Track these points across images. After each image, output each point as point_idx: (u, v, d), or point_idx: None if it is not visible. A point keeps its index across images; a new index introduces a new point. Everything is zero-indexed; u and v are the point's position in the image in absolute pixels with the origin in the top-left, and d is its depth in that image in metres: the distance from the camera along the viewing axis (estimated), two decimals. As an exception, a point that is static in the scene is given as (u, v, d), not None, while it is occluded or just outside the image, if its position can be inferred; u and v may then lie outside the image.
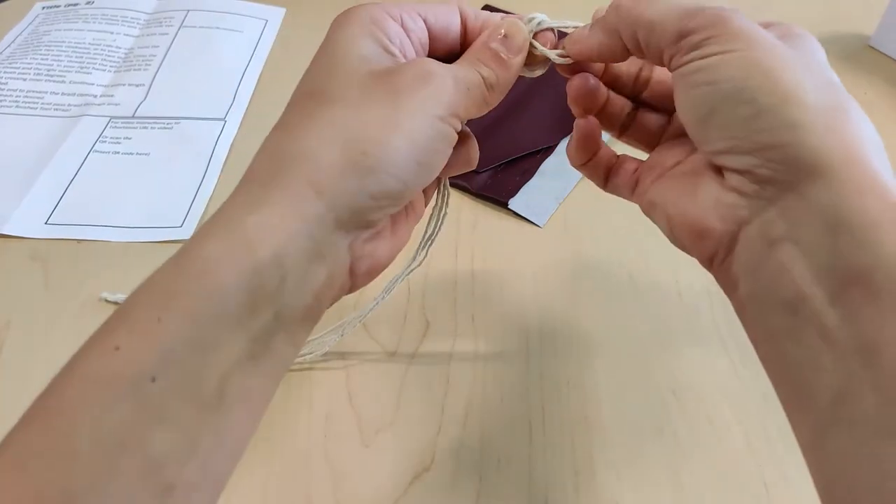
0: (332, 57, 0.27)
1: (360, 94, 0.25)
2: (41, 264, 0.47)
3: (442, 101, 0.26)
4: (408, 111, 0.25)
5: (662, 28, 0.25)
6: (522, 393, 0.40)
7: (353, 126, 0.24)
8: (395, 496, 0.35)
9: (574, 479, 0.36)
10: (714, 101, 0.24)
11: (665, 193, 0.28)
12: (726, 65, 0.24)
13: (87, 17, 0.67)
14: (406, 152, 0.25)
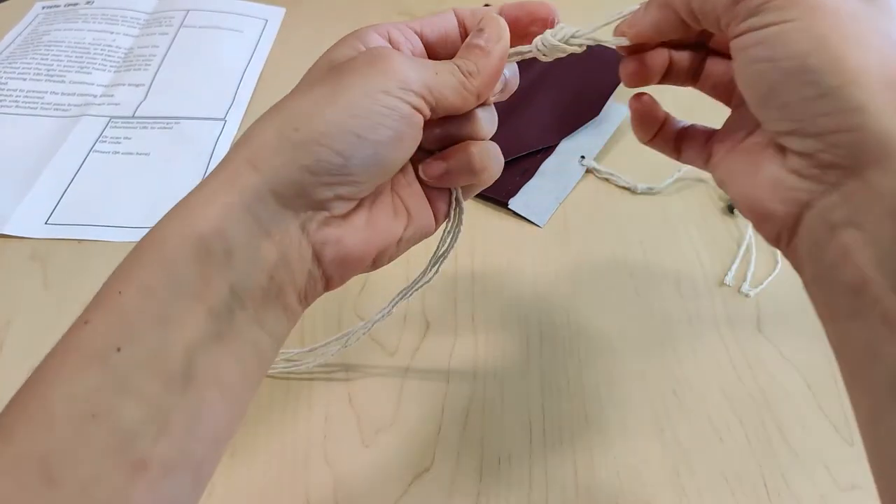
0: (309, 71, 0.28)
1: (309, 84, 0.26)
2: (41, 264, 0.47)
3: (391, 77, 0.25)
4: (345, 87, 0.25)
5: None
6: (522, 393, 0.40)
7: (292, 108, 0.25)
8: (395, 496, 0.35)
9: (574, 479, 0.36)
10: (774, 80, 0.23)
11: (731, 171, 0.27)
12: (786, 38, 0.22)
13: (86, 16, 0.67)
14: (340, 124, 0.24)
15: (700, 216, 0.50)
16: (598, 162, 0.53)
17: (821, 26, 0.22)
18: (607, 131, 0.55)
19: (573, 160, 0.53)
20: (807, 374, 0.40)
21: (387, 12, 0.68)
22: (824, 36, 0.22)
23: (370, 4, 0.69)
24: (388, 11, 0.69)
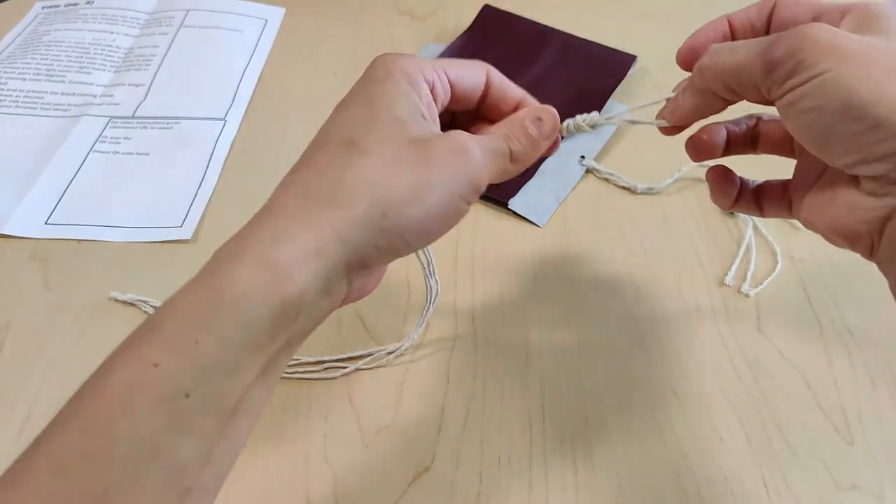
0: (371, 111, 0.28)
1: (393, 156, 0.27)
2: (41, 264, 0.47)
3: (466, 179, 0.28)
4: (432, 185, 0.27)
5: (749, 69, 0.27)
6: (522, 393, 0.40)
7: (382, 187, 0.26)
8: (395, 496, 0.35)
9: (574, 479, 0.36)
10: (826, 124, 0.25)
11: (812, 209, 0.29)
12: (825, 87, 0.25)
13: (86, 16, 0.67)
14: (419, 221, 0.27)
15: (700, 216, 0.50)
16: (598, 162, 0.53)
17: (854, 70, 0.24)
18: (607, 131, 0.55)
19: (573, 160, 0.53)
20: (807, 374, 0.40)
21: (387, 12, 0.68)
22: (860, 77, 0.24)
23: (370, 4, 0.69)
24: (389, 11, 0.69)
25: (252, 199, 0.56)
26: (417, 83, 0.29)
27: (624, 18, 0.68)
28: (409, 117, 0.28)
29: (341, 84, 0.66)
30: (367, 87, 0.29)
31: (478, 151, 0.28)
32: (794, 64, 0.25)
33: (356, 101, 0.29)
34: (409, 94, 0.29)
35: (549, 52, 0.61)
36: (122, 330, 0.45)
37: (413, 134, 0.28)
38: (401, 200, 0.26)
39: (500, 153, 0.30)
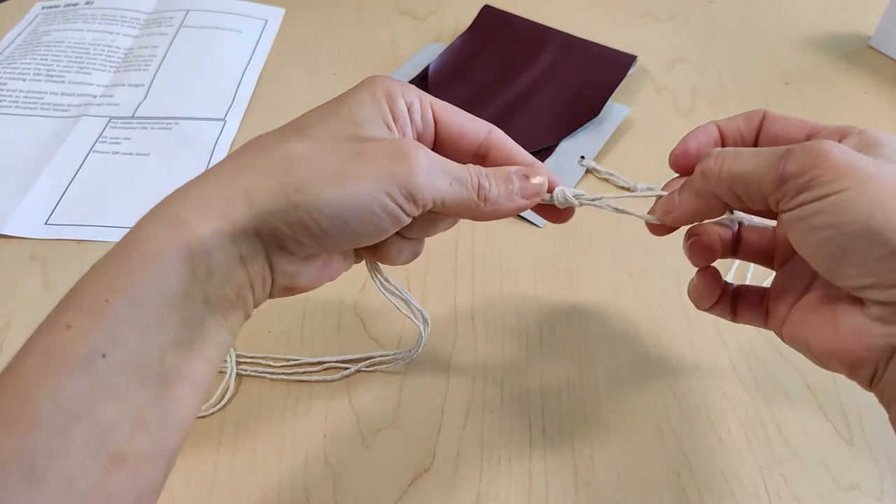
0: (334, 108, 0.29)
1: (330, 144, 0.27)
2: (41, 264, 0.47)
3: (398, 180, 0.27)
4: (356, 176, 0.26)
5: (759, 178, 0.26)
6: (522, 393, 0.40)
7: (303, 165, 0.26)
8: (395, 496, 0.35)
9: (574, 479, 0.36)
10: (842, 243, 0.25)
11: (805, 328, 0.29)
12: (843, 206, 0.24)
13: (86, 17, 0.67)
14: (335, 207, 0.26)
15: (700, 216, 0.50)
16: (598, 162, 0.53)
17: (873, 192, 0.24)
18: (607, 131, 0.55)
19: (573, 160, 0.53)
20: (807, 374, 0.40)
21: (387, 12, 0.68)
22: (879, 199, 0.24)
23: (370, 4, 0.70)
24: (389, 11, 0.69)
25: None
26: (394, 98, 0.29)
27: (624, 18, 0.68)
28: (366, 121, 0.28)
29: (341, 84, 0.66)
30: (346, 93, 0.30)
31: (424, 161, 0.27)
32: (808, 179, 0.25)
33: (329, 102, 0.30)
34: (379, 104, 0.29)
35: (549, 52, 0.61)
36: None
37: (361, 133, 0.28)
38: (319, 180, 0.26)
39: (462, 181, 0.29)
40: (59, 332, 0.23)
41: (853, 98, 0.59)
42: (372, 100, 0.29)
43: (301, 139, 0.27)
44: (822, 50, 0.64)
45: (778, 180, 0.26)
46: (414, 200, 0.27)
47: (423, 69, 0.60)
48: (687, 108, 0.59)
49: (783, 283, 0.31)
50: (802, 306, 0.29)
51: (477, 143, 0.32)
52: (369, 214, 0.27)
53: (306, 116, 0.29)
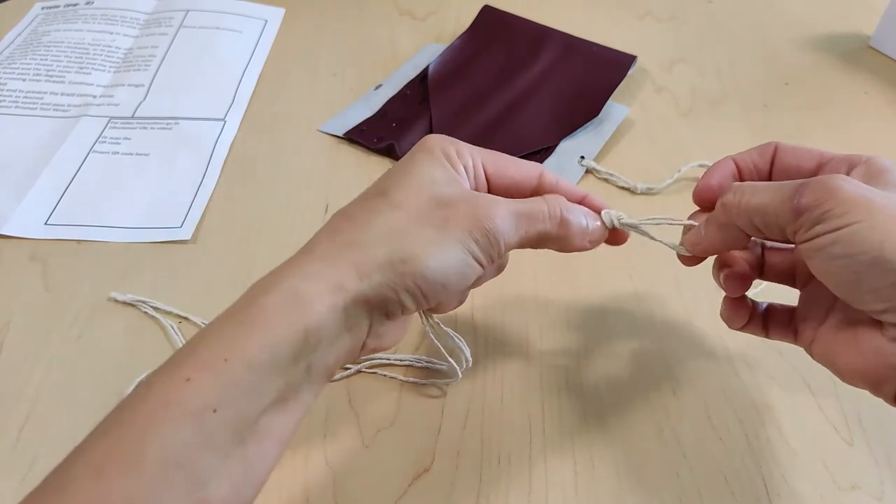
0: (407, 171, 0.31)
1: (418, 209, 0.30)
2: (41, 264, 0.47)
3: (482, 236, 0.30)
4: (449, 242, 0.29)
5: (776, 211, 0.28)
6: (522, 393, 0.40)
7: (404, 236, 0.29)
8: (395, 496, 0.35)
9: (574, 479, 0.36)
10: (857, 271, 0.26)
11: (831, 350, 0.30)
12: (855, 237, 0.26)
13: (86, 17, 0.67)
14: (435, 274, 0.29)
15: (700, 216, 0.50)
16: (598, 162, 0.53)
17: (884, 222, 0.26)
18: (607, 131, 0.55)
19: (573, 160, 0.53)
20: (807, 374, 0.40)
21: (387, 12, 0.68)
22: (888, 229, 0.25)
23: (370, 4, 0.70)
24: (389, 11, 0.69)
25: (252, 200, 0.56)
26: (451, 157, 0.32)
27: (624, 18, 0.68)
28: (440, 179, 0.31)
29: (341, 84, 0.66)
30: (409, 157, 0.32)
31: (501, 213, 0.30)
32: (821, 212, 0.26)
33: (397, 167, 0.32)
34: (443, 164, 0.32)
35: (548, 52, 0.61)
36: (122, 330, 0.45)
37: (441, 192, 0.30)
38: (421, 251, 0.29)
39: (542, 216, 0.32)
40: (177, 384, 0.25)
41: (853, 98, 0.59)
42: (438, 163, 0.32)
43: (392, 208, 0.30)
44: (822, 50, 0.64)
45: (794, 213, 0.27)
46: (498, 251, 0.31)
47: (423, 69, 0.60)
48: (687, 108, 0.59)
49: (807, 304, 0.33)
50: (827, 328, 0.31)
51: (530, 189, 0.34)
52: (462, 274, 0.30)
53: (385, 181, 0.32)
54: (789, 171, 0.32)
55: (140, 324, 0.43)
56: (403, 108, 0.57)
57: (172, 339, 0.42)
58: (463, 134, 0.54)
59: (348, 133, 0.55)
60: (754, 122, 0.57)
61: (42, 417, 0.39)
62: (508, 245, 0.31)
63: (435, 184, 0.31)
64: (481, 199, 0.31)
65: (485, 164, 0.33)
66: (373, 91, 0.59)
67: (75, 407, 0.39)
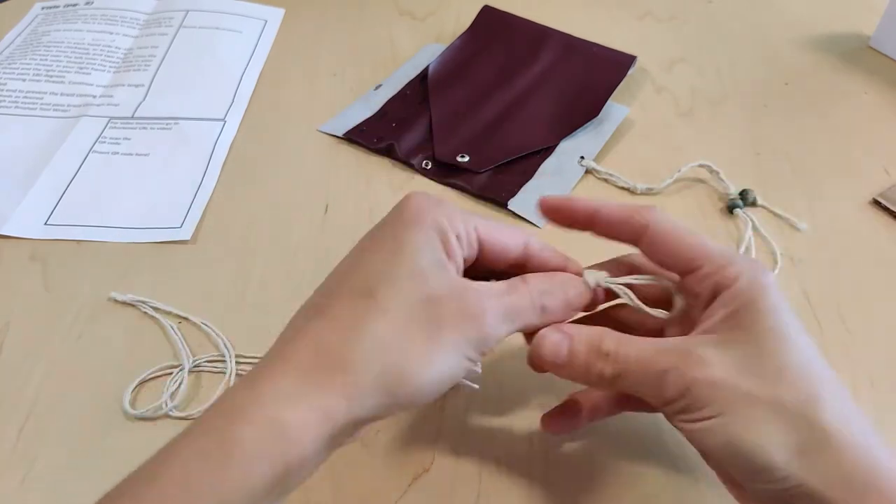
0: (395, 259, 0.28)
1: (407, 314, 0.27)
2: (41, 265, 0.47)
3: (476, 341, 0.28)
4: (443, 351, 0.27)
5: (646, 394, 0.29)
6: (522, 393, 0.40)
7: (394, 353, 0.27)
8: (395, 496, 0.35)
9: (574, 478, 0.36)
10: (719, 459, 0.28)
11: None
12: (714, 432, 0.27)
13: (86, 17, 0.67)
14: (430, 387, 0.27)
15: (700, 216, 0.50)
16: (598, 162, 0.53)
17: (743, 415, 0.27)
18: (607, 131, 0.55)
19: (573, 160, 0.53)
20: (807, 374, 0.40)
21: (387, 12, 0.68)
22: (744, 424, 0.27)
23: (370, 4, 0.70)
24: (389, 11, 0.69)
25: (252, 200, 0.56)
26: (446, 233, 0.29)
27: (624, 18, 0.68)
28: (429, 268, 0.28)
29: (341, 84, 0.66)
30: (396, 230, 0.30)
31: (490, 316, 0.29)
32: (684, 404, 0.28)
33: (383, 246, 0.29)
34: (434, 244, 0.29)
35: (548, 52, 0.61)
36: (122, 330, 0.45)
37: (430, 289, 0.28)
38: (415, 368, 0.27)
39: (527, 311, 0.30)
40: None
41: (853, 98, 0.59)
42: (428, 242, 0.29)
43: (381, 314, 0.27)
44: (822, 50, 0.64)
45: (662, 402, 0.29)
46: (488, 351, 0.29)
47: (423, 69, 0.60)
48: (687, 108, 0.59)
49: None
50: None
51: (516, 255, 0.32)
52: (453, 378, 0.28)
53: (367, 269, 0.29)
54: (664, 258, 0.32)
55: (140, 324, 0.43)
56: (403, 108, 0.57)
57: (172, 339, 0.42)
58: (463, 134, 0.54)
59: (348, 133, 0.55)
60: (754, 122, 0.57)
61: (42, 417, 0.39)
62: (499, 342, 0.30)
63: (424, 277, 0.28)
64: (470, 294, 0.29)
65: (477, 229, 0.31)
66: (373, 91, 0.59)
67: (75, 407, 0.39)
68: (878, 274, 0.46)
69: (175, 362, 0.41)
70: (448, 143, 0.54)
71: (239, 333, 0.42)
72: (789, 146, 0.55)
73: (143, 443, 0.37)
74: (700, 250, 0.30)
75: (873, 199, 0.50)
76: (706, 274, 0.29)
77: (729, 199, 0.50)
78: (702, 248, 0.30)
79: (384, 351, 0.26)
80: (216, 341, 0.42)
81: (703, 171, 0.52)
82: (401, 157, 0.53)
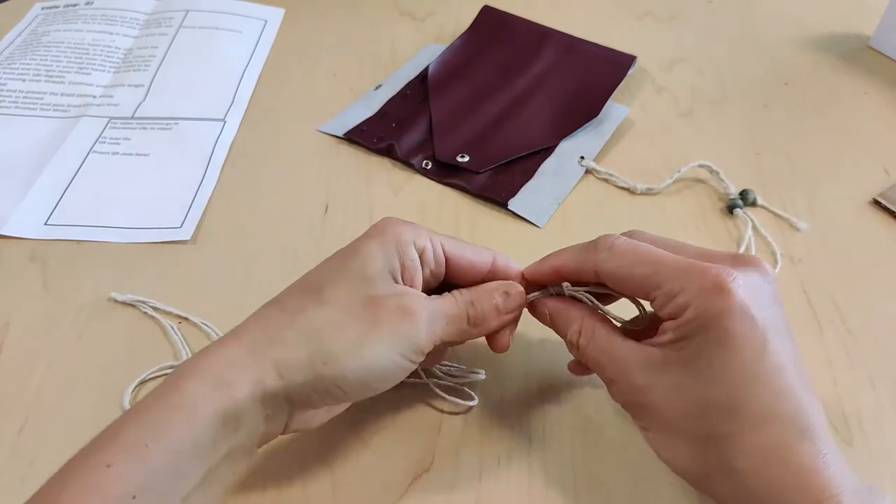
0: (346, 264, 0.32)
1: (346, 309, 0.30)
2: (41, 265, 0.47)
3: (408, 341, 0.31)
4: (374, 345, 0.30)
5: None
6: (522, 393, 0.40)
7: (327, 338, 0.30)
8: (395, 496, 0.35)
9: (574, 479, 0.36)
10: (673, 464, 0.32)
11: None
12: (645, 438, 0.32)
13: (86, 17, 0.67)
14: (358, 375, 0.30)
15: (700, 216, 0.50)
16: (598, 162, 0.53)
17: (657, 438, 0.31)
18: (607, 131, 0.55)
19: (573, 160, 0.53)
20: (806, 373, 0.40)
21: (387, 12, 0.69)
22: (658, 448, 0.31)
23: (370, 5, 0.70)
24: (389, 11, 0.69)
25: (252, 200, 0.56)
26: (404, 246, 0.32)
27: (624, 18, 0.68)
28: (376, 274, 0.31)
29: (341, 84, 0.66)
30: (359, 241, 0.33)
31: (424, 316, 0.31)
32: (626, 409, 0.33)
33: (343, 252, 0.33)
34: (388, 258, 0.32)
35: (548, 52, 0.61)
36: (122, 330, 0.45)
37: (373, 291, 0.31)
38: (342, 352, 0.30)
39: (456, 318, 0.33)
40: (98, 470, 0.25)
41: (853, 98, 0.59)
42: (382, 253, 0.32)
43: (321, 305, 0.30)
44: (822, 50, 0.64)
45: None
46: (421, 351, 0.32)
47: (423, 69, 0.60)
48: (687, 108, 0.59)
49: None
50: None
51: (484, 272, 0.35)
52: (386, 374, 0.31)
53: (322, 272, 0.32)
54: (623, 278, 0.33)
55: (140, 324, 0.43)
56: (403, 108, 0.57)
57: (172, 339, 0.42)
58: (463, 134, 0.54)
59: (348, 133, 0.55)
60: (754, 122, 0.57)
61: (42, 417, 0.39)
62: (432, 342, 0.32)
63: (370, 281, 0.31)
64: (406, 298, 0.31)
65: (444, 245, 0.34)
66: (373, 91, 0.59)
67: (75, 407, 0.39)
68: (878, 274, 0.46)
69: (175, 362, 0.41)
70: (448, 142, 0.54)
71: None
72: (789, 146, 0.55)
73: (143, 443, 0.37)
74: (651, 280, 0.31)
75: (873, 199, 0.50)
76: (659, 304, 0.31)
77: (729, 199, 0.50)
78: (652, 279, 0.31)
79: (317, 336, 0.30)
80: (216, 341, 0.42)
81: (703, 171, 0.52)
82: (401, 157, 0.53)
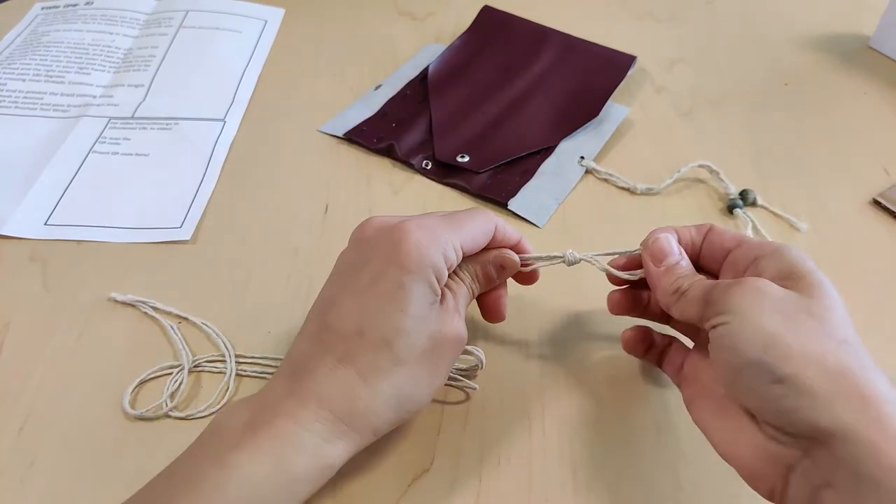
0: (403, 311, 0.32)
1: (418, 362, 0.32)
2: (41, 265, 0.47)
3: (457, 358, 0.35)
4: (441, 374, 0.34)
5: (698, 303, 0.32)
6: (522, 393, 0.40)
7: (409, 394, 0.33)
8: (395, 496, 0.35)
9: (574, 478, 0.36)
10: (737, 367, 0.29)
11: (714, 427, 0.32)
12: (743, 335, 0.29)
13: (86, 17, 0.67)
14: (429, 399, 0.34)
15: (700, 216, 0.50)
16: (598, 162, 0.53)
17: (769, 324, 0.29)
18: (607, 131, 0.55)
19: (573, 161, 0.53)
20: (807, 373, 0.40)
21: (387, 12, 0.69)
22: (773, 333, 0.28)
23: (370, 5, 0.70)
24: (389, 11, 0.69)
25: (252, 200, 0.56)
26: (440, 271, 0.33)
27: (624, 18, 0.68)
28: (429, 311, 0.33)
29: (341, 84, 0.66)
30: (399, 276, 0.32)
31: (463, 327, 0.35)
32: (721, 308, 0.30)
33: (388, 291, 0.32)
34: (431, 283, 0.33)
35: (548, 52, 0.61)
36: (122, 330, 0.45)
37: (431, 328, 0.33)
38: (421, 398, 0.33)
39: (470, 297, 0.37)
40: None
41: (853, 98, 0.59)
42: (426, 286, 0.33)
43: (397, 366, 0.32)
44: (822, 50, 0.64)
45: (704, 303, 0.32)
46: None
47: (423, 69, 0.60)
48: (687, 108, 0.59)
49: (694, 366, 0.35)
50: (710, 400, 0.33)
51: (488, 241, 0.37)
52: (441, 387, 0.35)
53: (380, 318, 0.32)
54: (714, 247, 0.35)
55: (140, 324, 0.43)
56: (403, 108, 0.57)
57: (172, 339, 0.42)
58: (463, 134, 0.54)
59: (348, 133, 0.55)
60: (754, 122, 0.57)
61: (42, 417, 0.39)
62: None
63: (427, 320, 0.33)
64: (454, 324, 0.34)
65: (463, 246, 0.35)
66: (373, 91, 0.59)
67: (75, 407, 0.39)
68: (878, 274, 0.46)
69: (175, 362, 0.41)
70: (448, 142, 0.54)
71: (239, 333, 0.42)
72: (789, 146, 0.55)
73: (142, 443, 0.37)
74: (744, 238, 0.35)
75: (873, 199, 0.50)
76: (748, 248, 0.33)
77: (729, 199, 0.50)
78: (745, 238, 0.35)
79: (403, 396, 0.32)
80: (216, 341, 0.42)
81: (703, 171, 0.52)
82: (401, 157, 0.53)
